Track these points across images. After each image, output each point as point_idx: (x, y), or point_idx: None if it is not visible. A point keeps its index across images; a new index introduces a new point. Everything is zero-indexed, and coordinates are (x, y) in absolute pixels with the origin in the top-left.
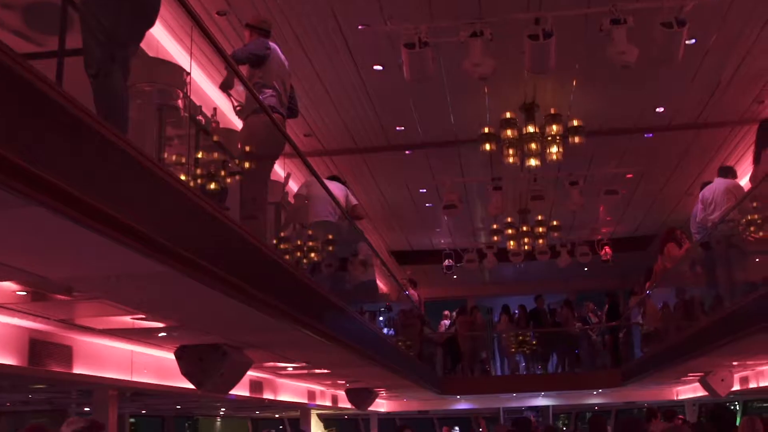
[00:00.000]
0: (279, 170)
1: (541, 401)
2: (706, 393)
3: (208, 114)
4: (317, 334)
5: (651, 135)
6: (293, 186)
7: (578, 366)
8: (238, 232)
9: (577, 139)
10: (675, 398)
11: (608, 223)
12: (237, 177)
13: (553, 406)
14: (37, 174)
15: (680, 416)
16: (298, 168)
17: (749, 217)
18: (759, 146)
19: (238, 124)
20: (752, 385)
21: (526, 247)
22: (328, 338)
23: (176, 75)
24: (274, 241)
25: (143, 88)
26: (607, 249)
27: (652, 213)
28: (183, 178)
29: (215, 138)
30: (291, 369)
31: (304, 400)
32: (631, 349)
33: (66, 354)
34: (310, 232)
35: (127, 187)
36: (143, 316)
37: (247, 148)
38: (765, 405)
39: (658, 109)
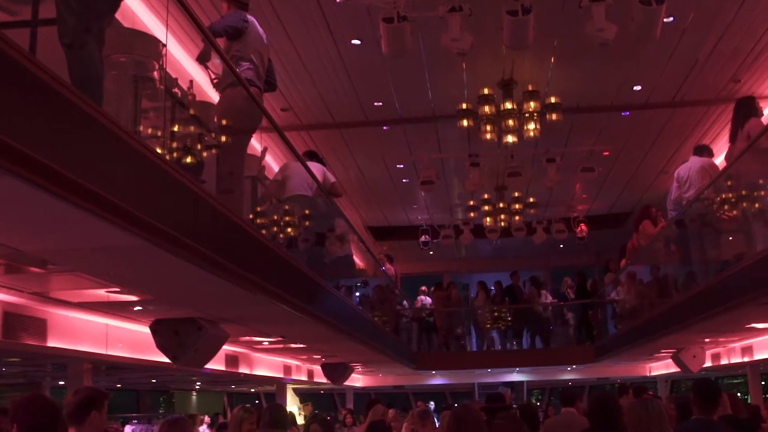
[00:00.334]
0: (256, 144)
1: (515, 377)
2: (678, 369)
3: (185, 87)
4: (293, 309)
5: (628, 113)
6: (270, 160)
7: (553, 342)
8: (215, 205)
9: (554, 116)
10: (648, 374)
11: (584, 200)
12: (213, 151)
13: (527, 381)
14: (10, 144)
15: (650, 392)
16: (275, 142)
17: (723, 196)
18: (735, 125)
19: (214, 97)
20: (723, 361)
21: (502, 224)
22: (304, 313)
23: (152, 46)
24: (251, 216)
25: (118, 59)
26: (583, 226)
27: (628, 191)
28: (159, 151)
29: (192, 111)
30: (267, 343)
31: (280, 375)
32: (605, 325)
33: (40, 327)
34: (286, 207)
35: (102, 160)
36: (118, 290)
37: (224, 122)
38: (735, 381)
39: (635, 87)
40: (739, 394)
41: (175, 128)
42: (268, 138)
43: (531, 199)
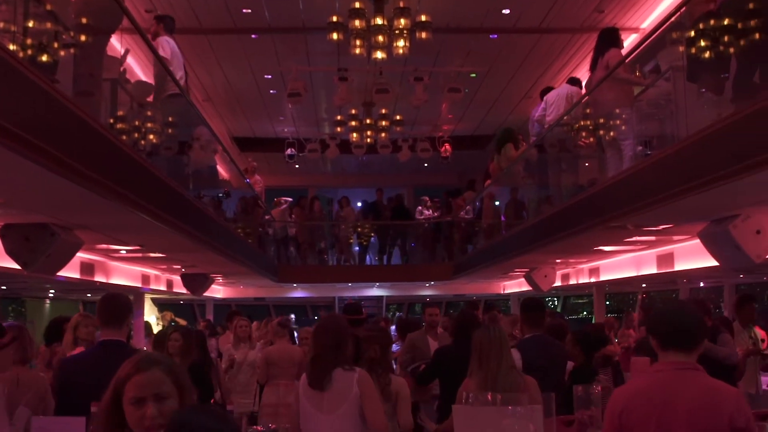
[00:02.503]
0: (117, 45)
1: (375, 291)
2: (530, 288)
3: None
4: (152, 217)
5: (496, 36)
6: (132, 63)
7: (412, 259)
8: (70, 107)
9: (424, 35)
10: (502, 292)
11: (450, 120)
12: (72, 50)
13: (386, 296)
14: None
15: (497, 310)
16: (138, 45)
17: (581, 123)
18: (597, 54)
19: None
20: (572, 281)
21: (368, 140)
22: (163, 222)
23: None
24: (111, 120)
25: None
26: (448, 146)
27: (493, 113)
28: (12, 47)
29: (48, 6)
30: (124, 252)
31: (138, 284)
32: (464, 244)
33: None
34: (149, 113)
35: None
36: None
37: (83, 20)
38: (581, 301)
39: (504, 11)
40: (585, 313)
41: (30, 24)
42: (131, 40)
43: (398, 117)
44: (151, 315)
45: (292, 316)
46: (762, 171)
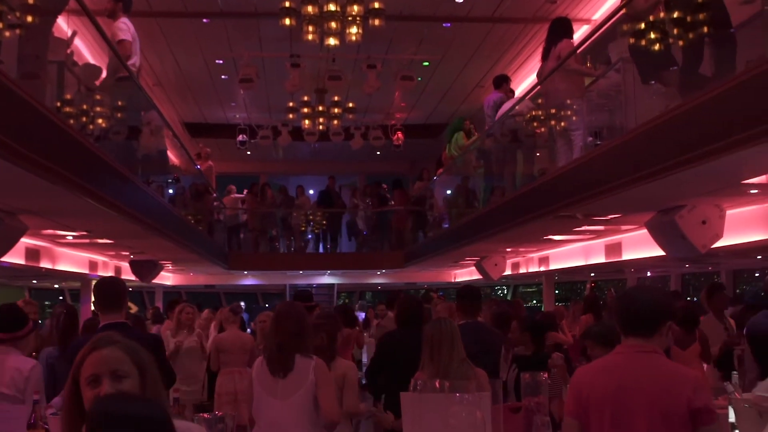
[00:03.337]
0: (64, 26)
1: (327, 279)
2: (480, 276)
3: None
4: (100, 203)
5: (449, 24)
6: (80, 44)
7: (364, 247)
8: (14, 89)
9: (377, 22)
10: (453, 281)
11: (402, 108)
12: (17, 31)
13: (338, 284)
14: None
15: (436, 294)
16: (87, 27)
17: (533, 113)
18: (549, 44)
19: None
20: (522, 270)
21: (321, 127)
22: (111, 207)
23: None
24: (58, 104)
25: None
26: (400, 134)
27: (445, 102)
28: None
29: None
30: (71, 238)
31: (85, 271)
32: (415, 232)
33: None
34: (98, 97)
35: None
36: None
37: (29, 0)
38: (530, 290)
39: (457, 0)
40: (534, 302)
41: None
42: (79, 21)
43: (350, 105)
44: None
45: (243, 303)
46: (707, 162)
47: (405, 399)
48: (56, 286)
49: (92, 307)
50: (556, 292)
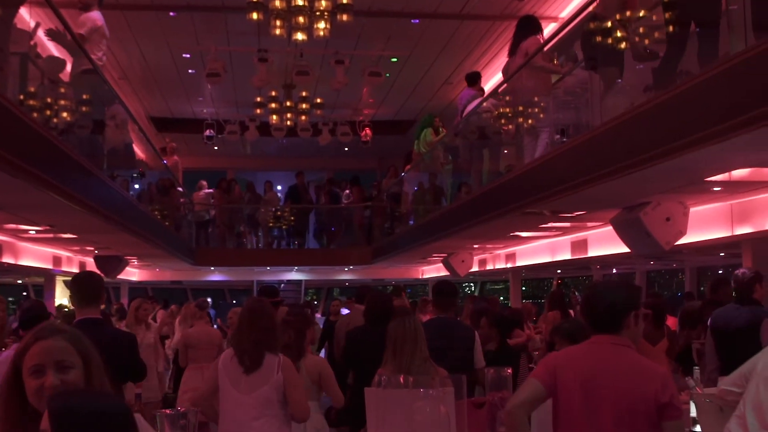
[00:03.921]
0: (27, 17)
1: (294, 275)
2: (447, 273)
3: None
4: (62, 197)
5: (417, 21)
6: (43, 37)
7: (332, 243)
8: None
9: (345, 17)
10: (420, 277)
11: (370, 105)
12: None
13: (305, 280)
14: None
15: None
16: (50, 18)
17: (501, 110)
18: (517, 40)
19: None
20: (489, 266)
21: (288, 123)
22: (74, 201)
23: None
24: (21, 96)
25: None
26: (368, 130)
27: (414, 99)
28: None
29: None
30: (34, 232)
31: (49, 266)
32: (381, 228)
33: None
34: (62, 90)
35: None
36: None
37: None
38: (497, 287)
39: None
40: (501, 299)
41: None
42: (42, 13)
43: (318, 100)
44: (63, 298)
45: (209, 299)
46: (671, 160)
47: (369, 395)
48: (19, 281)
49: (56, 303)
50: (523, 288)
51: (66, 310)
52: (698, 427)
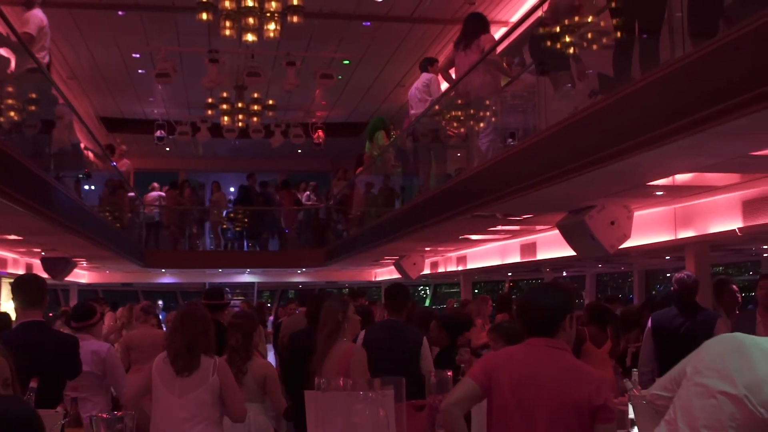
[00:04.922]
0: None
1: (247, 278)
2: (400, 275)
3: None
4: (5, 198)
5: (369, 23)
6: None
7: (286, 245)
8: None
9: (295, 19)
10: (373, 279)
11: (323, 107)
12: None
13: (258, 283)
14: None
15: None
16: None
17: (452, 113)
18: (468, 35)
19: None
20: (441, 269)
21: (240, 124)
22: (17, 203)
23: None
24: None
25: None
26: (320, 132)
27: (366, 101)
28: None
29: None
30: None
31: None
32: (336, 230)
33: None
34: (9, 89)
35: None
36: None
37: None
38: (451, 290)
39: None
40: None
41: None
42: None
43: (270, 102)
44: (8, 301)
45: (160, 302)
46: (613, 163)
47: (309, 397)
48: None
49: (1, 306)
50: (475, 291)
51: None
52: (635, 429)
